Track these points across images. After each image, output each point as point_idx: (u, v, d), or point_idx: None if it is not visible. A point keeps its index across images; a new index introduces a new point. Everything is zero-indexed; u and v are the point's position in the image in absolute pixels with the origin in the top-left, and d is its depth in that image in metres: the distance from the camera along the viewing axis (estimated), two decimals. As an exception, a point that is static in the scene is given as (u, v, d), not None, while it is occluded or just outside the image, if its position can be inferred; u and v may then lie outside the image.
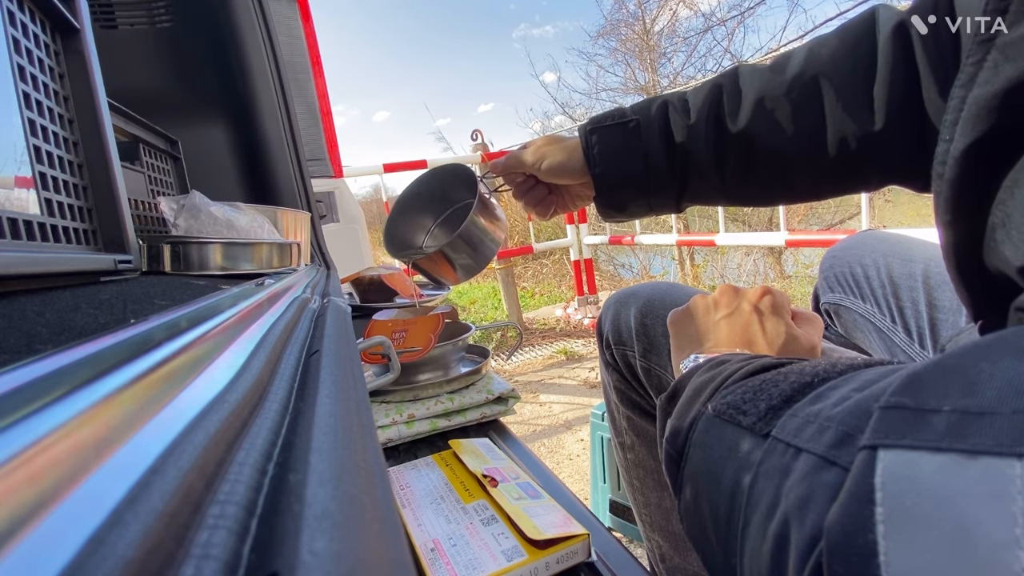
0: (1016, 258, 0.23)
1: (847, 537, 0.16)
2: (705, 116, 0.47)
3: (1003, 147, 0.24)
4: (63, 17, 0.38)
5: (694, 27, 6.07)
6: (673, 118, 0.49)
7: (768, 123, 0.45)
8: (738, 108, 0.46)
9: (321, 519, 0.11)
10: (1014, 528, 0.12)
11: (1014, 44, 0.24)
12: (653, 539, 0.66)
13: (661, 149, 0.49)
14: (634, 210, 0.54)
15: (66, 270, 0.31)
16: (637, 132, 0.50)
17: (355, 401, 0.20)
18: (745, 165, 0.47)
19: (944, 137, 0.27)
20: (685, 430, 0.29)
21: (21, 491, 0.08)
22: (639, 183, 0.51)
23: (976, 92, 0.25)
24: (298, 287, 0.48)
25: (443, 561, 0.43)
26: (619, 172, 0.51)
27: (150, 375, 0.14)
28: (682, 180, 0.50)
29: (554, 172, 0.54)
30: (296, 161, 1.08)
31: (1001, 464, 0.13)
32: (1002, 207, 0.24)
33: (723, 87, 0.47)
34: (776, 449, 0.21)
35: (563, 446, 1.56)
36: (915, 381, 0.17)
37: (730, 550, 0.23)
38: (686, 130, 0.48)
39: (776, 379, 0.26)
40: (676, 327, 0.44)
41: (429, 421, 0.72)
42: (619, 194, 0.52)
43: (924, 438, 0.15)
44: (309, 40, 1.42)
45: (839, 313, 0.66)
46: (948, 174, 0.27)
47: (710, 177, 0.49)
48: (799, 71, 0.43)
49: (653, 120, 0.49)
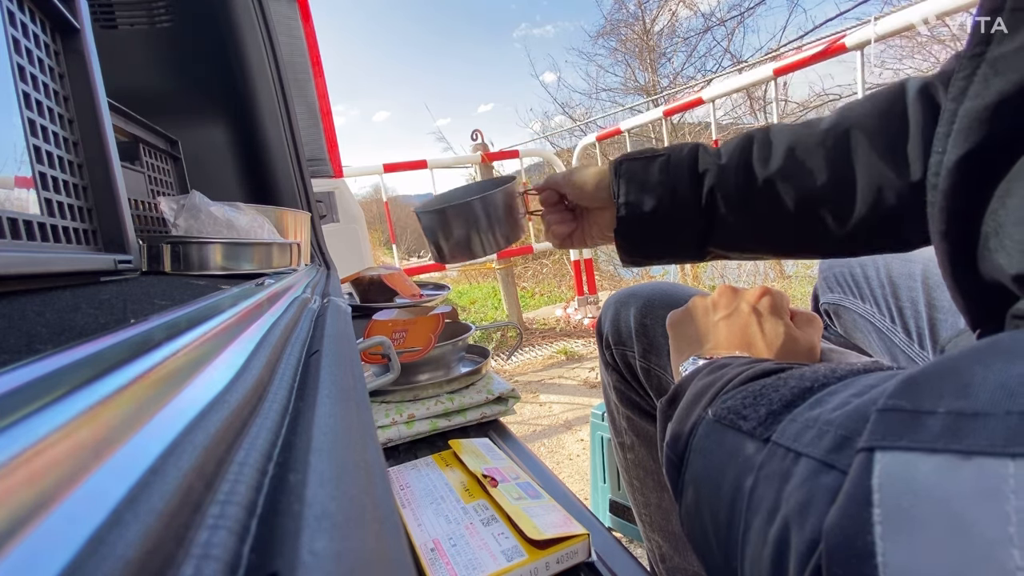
0: (1010, 266, 0.23)
1: (846, 539, 0.16)
2: (736, 160, 0.47)
3: (994, 158, 0.25)
4: (63, 17, 0.38)
5: (694, 27, 6.09)
6: (703, 158, 0.48)
7: (799, 169, 0.44)
8: (769, 155, 0.45)
9: (321, 519, 0.11)
10: (1008, 526, 0.13)
11: (1004, 58, 0.24)
12: (653, 539, 0.66)
13: (688, 184, 0.48)
14: (653, 248, 0.52)
15: (66, 270, 0.31)
16: (666, 166, 0.49)
17: (355, 401, 0.20)
18: (774, 210, 0.46)
19: (937, 149, 0.28)
20: (686, 435, 0.29)
21: (21, 491, 0.08)
22: (662, 218, 0.49)
23: (967, 105, 0.26)
24: (298, 287, 0.48)
25: (443, 561, 0.43)
26: (644, 202, 0.49)
27: (150, 375, 0.14)
28: (708, 221, 0.48)
29: (579, 187, 0.54)
30: (296, 161, 1.08)
31: (995, 464, 0.13)
32: (994, 216, 0.25)
33: (755, 137, 0.47)
34: (776, 454, 0.22)
35: (563, 446, 1.56)
36: (911, 384, 0.17)
37: (731, 554, 0.23)
38: (716, 170, 0.47)
39: (776, 384, 0.26)
40: (675, 329, 0.44)
41: (429, 421, 0.72)
42: (641, 229, 0.51)
43: (920, 440, 0.15)
44: (309, 40, 1.42)
45: (838, 313, 0.66)
46: (942, 185, 0.27)
47: (737, 220, 0.47)
48: (831, 125, 0.43)
49: (684, 158, 0.49)
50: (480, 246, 0.60)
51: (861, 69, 1.55)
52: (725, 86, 2.09)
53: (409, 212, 0.80)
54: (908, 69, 4.62)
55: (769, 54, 4.96)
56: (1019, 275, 0.23)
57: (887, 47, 4.33)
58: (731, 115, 5.81)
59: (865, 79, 1.57)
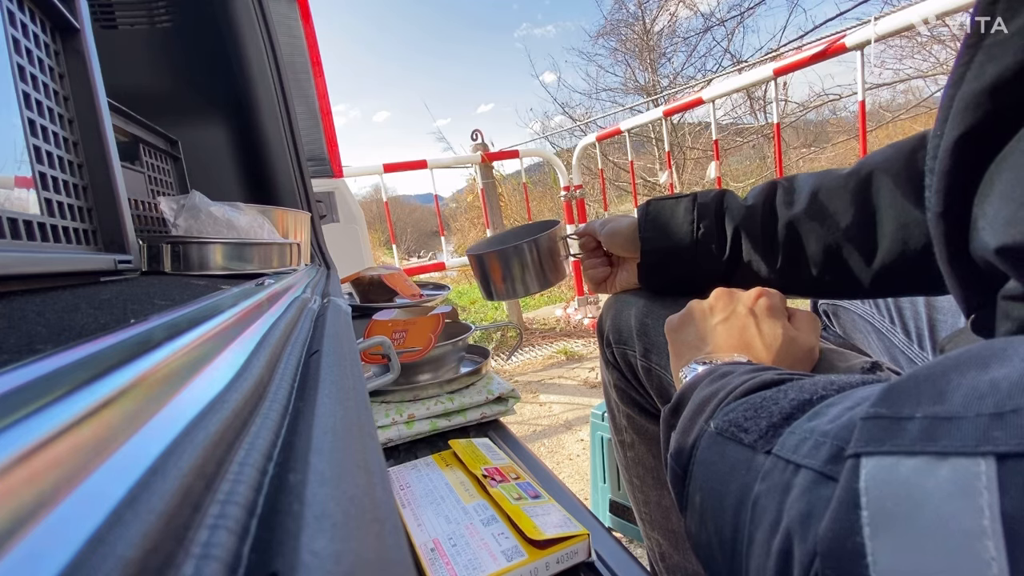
0: (993, 240, 0.24)
1: (837, 542, 0.17)
2: (762, 202, 0.48)
3: (988, 139, 0.26)
4: (63, 17, 0.38)
5: (694, 27, 6.09)
6: (729, 200, 0.50)
7: (823, 210, 0.45)
8: (793, 199, 0.47)
9: (321, 519, 0.11)
10: (982, 519, 0.14)
11: (998, 45, 0.25)
12: (653, 537, 0.66)
13: (714, 224, 0.50)
14: (676, 285, 0.54)
15: (66, 270, 0.31)
16: (692, 206, 0.51)
17: (355, 401, 0.20)
18: (799, 250, 0.47)
19: (936, 133, 0.29)
20: (689, 448, 0.29)
21: (21, 491, 0.08)
22: (686, 257, 0.51)
23: (964, 89, 0.27)
24: (298, 287, 0.48)
25: (443, 561, 0.43)
26: (667, 239, 0.52)
27: (150, 375, 0.14)
28: (732, 261, 0.50)
29: (612, 236, 0.57)
30: (296, 161, 1.08)
31: (968, 463, 0.15)
32: (984, 197, 0.26)
33: (779, 183, 0.49)
34: (777, 466, 0.22)
35: (563, 446, 1.56)
36: (892, 392, 0.18)
37: (736, 566, 0.23)
38: (742, 211, 0.49)
39: (776, 397, 0.26)
40: (674, 333, 0.45)
41: (429, 421, 0.72)
42: (663, 265, 0.53)
43: (900, 443, 0.16)
44: (309, 40, 1.42)
45: (837, 314, 0.66)
46: (939, 167, 0.28)
47: (762, 260, 0.49)
48: (854, 169, 0.44)
49: (711, 200, 0.51)
50: (524, 286, 0.65)
51: (861, 69, 1.54)
52: (725, 86, 2.09)
53: (409, 212, 0.81)
54: (908, 69, 4.63)
55: (769, 54, 4.96)
56: (1001, 247, 0.24)
57: (887, 47, 4.33)
58: (731, 115, 5.81)
59: (865, 79, 1.57)
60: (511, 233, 0.75)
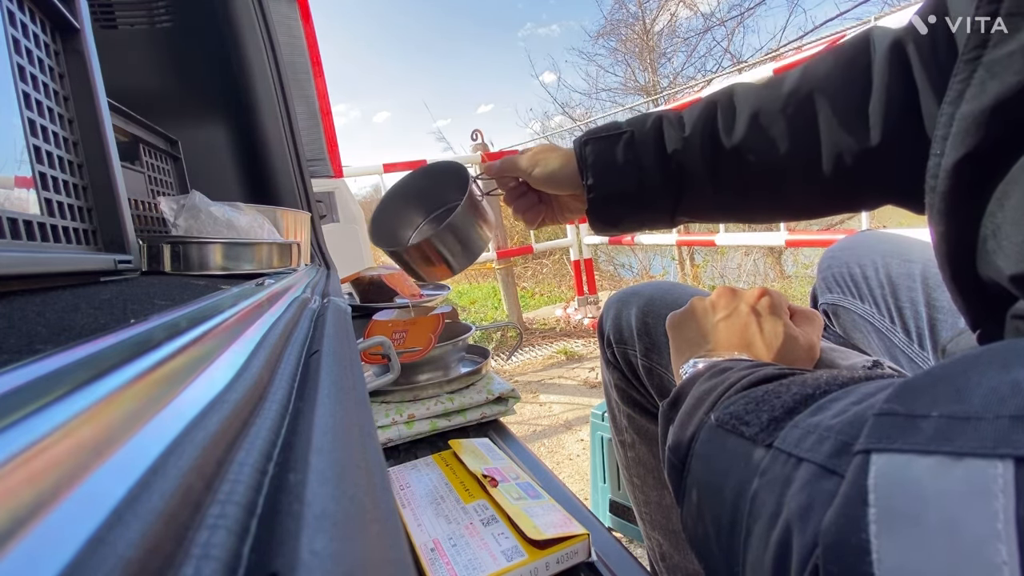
0: (1008, 267, 0.24)
1: (842, 537, 0.16)
2: (700, 131, 0.47)
3: (992, 160, 0.25)
4: (63, 17, 0.38)
5: (694, 27, 6.08)
6: (668, 132, 0.48)
7: (763, 138, 0.44)
8: (733, 123, 0.46)
9: (321, 519, 0.11)
10: (995, 523, 0.13)
11: (999, 61, 0.25)
12: (653, 537, 0.66)
13: (655, 162, 0.48)
14: (627, 224, 0.53)
15: (66, 270, 0.31)
16: (632, 144, 0.49)
17: (355, 401, 0.20)
18: (740, 180, 0.47)
19: (935, 151, 0.28)
20: (688, 440, 0.29)
21: (21, 491, 0.08)
22: (632, 196, 0.50)
23: (964, 108, 0.26)
24: (298, 287, 0.48)
25: (443, 561, 0.43)
26: (613, 184, 0.50)
27: (150, 375, 0.14)
28: (676, 194, 0.49)
29: (546, 180, 0.53)
30: (296, 161, 1.08)
31: (984, 464, 0.14)
32: (992, 218, 0.25)
33: (718, 103, 0.47)
34: (778, 459, 0.22)
35: (563, 446, 1.56)
36: (907, 389, 0.18)
37: (733, 559, 0.23)
38: (681, 143, 0.47)
39: (779, 390, 0.26)
40: (675, 330, 0.45)
41: (429, 421, 0.72)
42: (612, 207, 0.51)
43: (914, 442, 0.16)
44: (309, 40, 1.42)
45: (837, 314, 0.66)
46: (940, 187, 0.28)
47: (704, 192, 0.48)
48: (794, 87, 0.43)
49: (648, 133, 0.49)
50: (467, 258, 0.58)
51: (861, 69, 1.54)
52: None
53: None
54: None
55: (769, 54, 4.96)
56: (1016, 275, 0.23)
57: (887, 47, 4.31)
58: (731, 115, 5.78)
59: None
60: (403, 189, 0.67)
